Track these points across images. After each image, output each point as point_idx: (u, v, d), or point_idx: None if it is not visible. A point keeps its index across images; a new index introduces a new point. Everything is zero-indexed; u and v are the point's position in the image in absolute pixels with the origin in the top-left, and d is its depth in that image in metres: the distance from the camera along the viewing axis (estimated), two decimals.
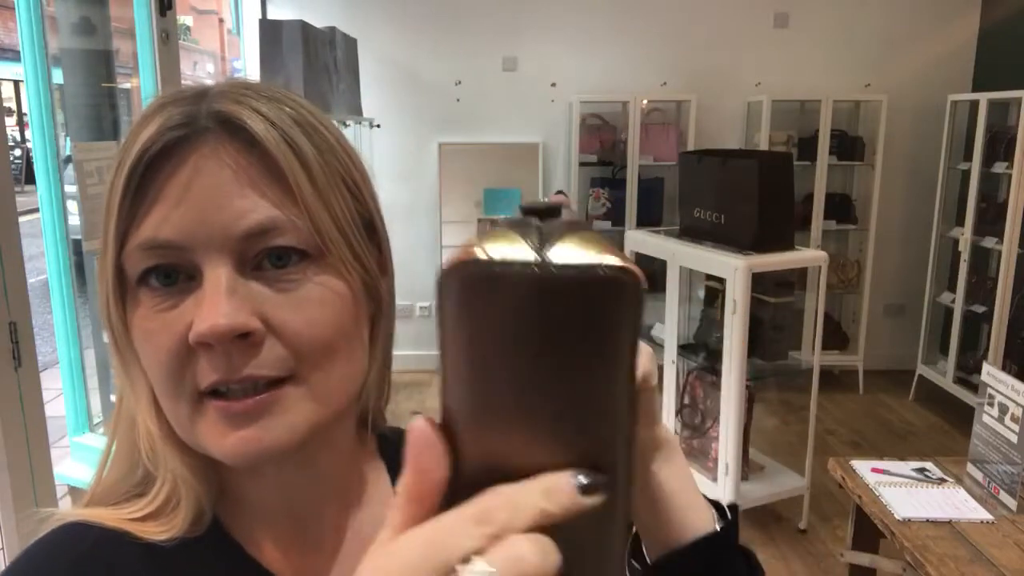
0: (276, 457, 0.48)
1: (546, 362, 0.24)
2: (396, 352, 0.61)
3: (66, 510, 0.53)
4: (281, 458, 0.49)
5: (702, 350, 3.10)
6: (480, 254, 0.25)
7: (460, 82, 4.63)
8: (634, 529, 0.49)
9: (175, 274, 0.47)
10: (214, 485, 0.54)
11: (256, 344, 0.46)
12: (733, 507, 0.51)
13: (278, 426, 0.47)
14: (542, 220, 0.26)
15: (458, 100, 4.65)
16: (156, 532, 0.51)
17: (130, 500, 0.53)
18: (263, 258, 0.48)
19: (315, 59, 3.36)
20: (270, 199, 0.48)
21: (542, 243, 0.25)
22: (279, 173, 0.48)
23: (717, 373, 2.86)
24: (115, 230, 0.47)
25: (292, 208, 0.48)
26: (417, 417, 0.27)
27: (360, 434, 0.60)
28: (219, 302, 0.45)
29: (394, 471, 0.61)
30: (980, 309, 4.06)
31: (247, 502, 0.55)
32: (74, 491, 2.34)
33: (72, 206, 2.20)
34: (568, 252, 0.24)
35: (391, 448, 0.63)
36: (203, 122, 0.48)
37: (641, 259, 3.54)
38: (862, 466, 2.09)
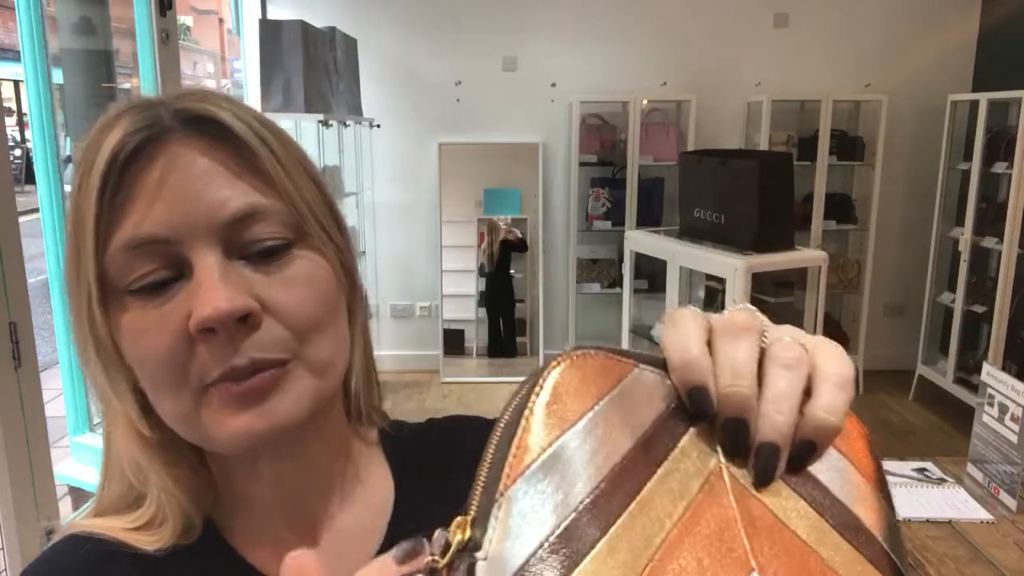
0: (286, 433, 0.49)
1: None
2: (396, 352, 0.62)
3: (73, 521, 0.54)
4: (288, 436, 0.49)
5: None
6: None
7: (460, 82, 4.63)
8: None
9: (166, 279, 0.47)
10: (203, 494, 0.54)
11: (255, 326, 0.47)
12: None
13: (284, 401, 0.48)
14: None
15: (458, 100, 4.65)
16: (148, 542, 0.52)
17: (131, 508, 0.54)
18: (255, 254, 0.49)
19: (315, 59, 3.36)
20: (245, 187, 0.49)
21: None
22: (251, 162, 0.49)
23: None
24: (93, 235, 0.47)
25: (268, 195, 0.49)
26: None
27: (355, 428, 0.60)
28: (216, 287, 0.46)
29: (396, 465, 0.63)
30: (980, 309, 4.06)
31: (241, 501, 0.55)
32: (74, 491, 2.34)
33: None
34: None
35: (391, 443, 0.64)
36: (168, 123, 0.49)
37: (641, 259, 3.54)
38: None
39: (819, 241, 4.46)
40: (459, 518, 0.27)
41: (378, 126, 4.50)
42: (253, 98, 4.08)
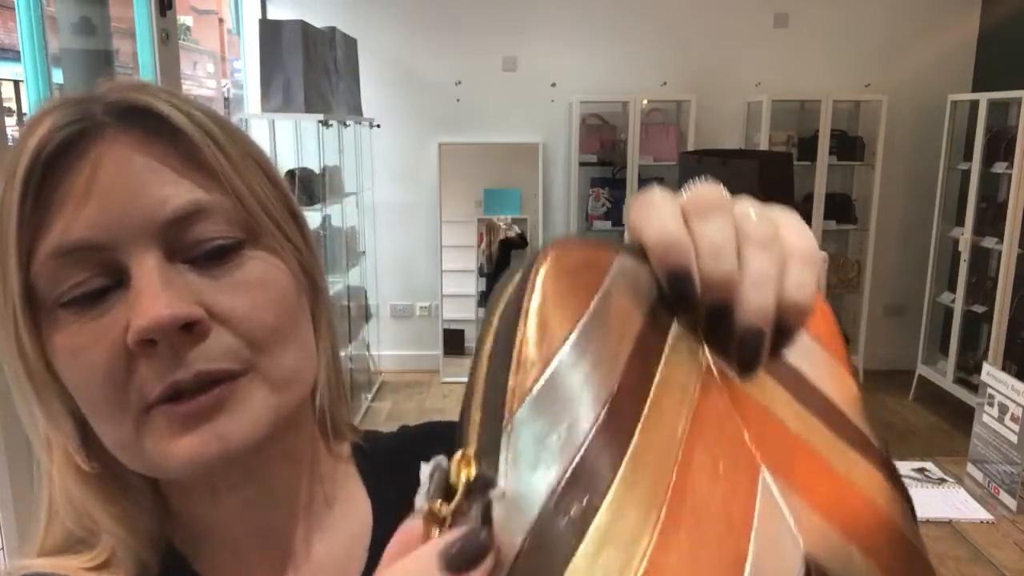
0: (239, 457, 0.43)
1: None
2: (396, 352, 0.61)
3: (32, 561, 0.49)
4: (243, 460, 0.44)
5: None
6: None
7: (460, 82, 4.63)
8: None
9: (101, 289, 0.42)
10: (157, 531, 0.49)
11: (202, 335, 0.42)
12: None
13: (238, 420, 0.43)
14: None
15: (458, 100, 4.65)
16: None
17: (85, 546, 0.49)
18: (199, 256, 0.44)
19: (315, 59, 3.36)
20: (188, 183, 0.44)
21: None
22: (194, 156, 0.44)
23: None
24: (16, 246, 0.42)
25: (215, 190, 0.45)
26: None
27: (325, 445, 0.56)
28: (156, 293, 0.41)
29: (371, 484, 0.58)
30: (980, 309, 4.06)
31: (206, 534, 0.50)
32: None
33: None
34: None
35: (364, 458, 0.59)
36: (100, 117, 0.44)
37: None
38: None
39: (819, 241, 4.44)
40: (459, 453, 0.24)
41: (378, 126, 4.50)
42: (253, 98, 4.08)
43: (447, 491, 0.24)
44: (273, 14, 4.40)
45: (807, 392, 0.28)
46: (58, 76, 2.39)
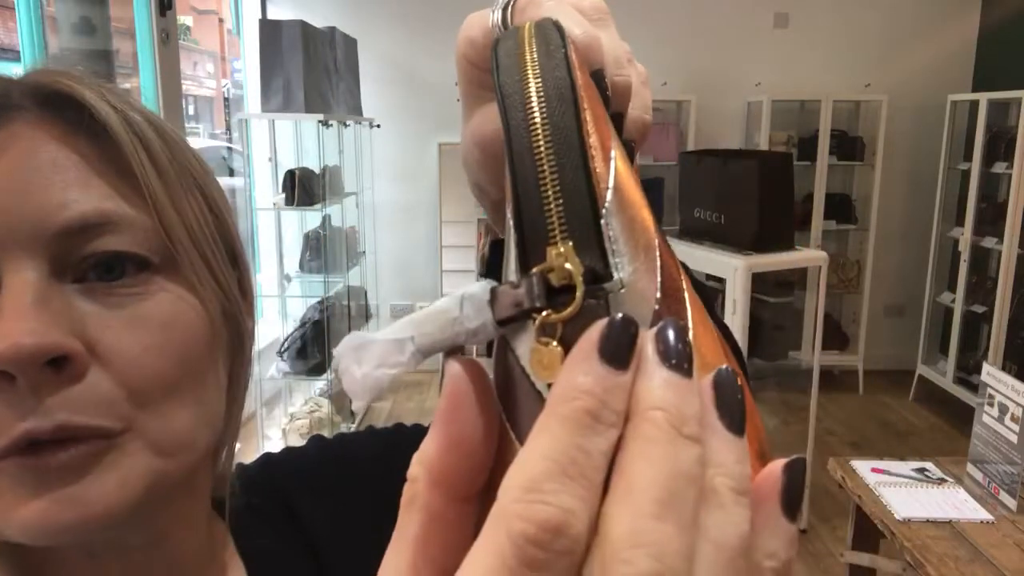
0: (102, 528, 0.35)
1: None
2: None
3: None
4: (113, 530, 0.36)
5: None
6: None
7: None
8: None
9: None
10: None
11: (75, 377, 0.34)
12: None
13: (104, 484, 0.34)
14: None
15: (458, 100, 4.61)
16: None
17: None
18: (87, 269, 0.36)
19: (315, 59, 3.36)
20: (101, 189, 0.37)
21: None
22: (117, 161, 0.38)
23: None
24: None
25: (131, 204, 0.37)
26: (453, 362, 0.20)
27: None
28: (24, 314, 0.33)
29: (249, 552, 0.49)
30: (980, 309, 4.06)
31: None
32: None
33: None
34: None
35: (233, 515, 0.50)
36: (15, 98, 0.38)
37: None
38: (862, 466, 2.08)
39: (819, 241, 4.46)
40: (555, 248, 0.19)
41: (378, 126, 4.49)
42: (253, 98, 4.08)
43: (548, 293, 0.19)
44: (273, 14, 4.40)
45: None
46: None
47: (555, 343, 0.19)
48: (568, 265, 0.19)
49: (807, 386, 3.05)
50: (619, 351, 0.18)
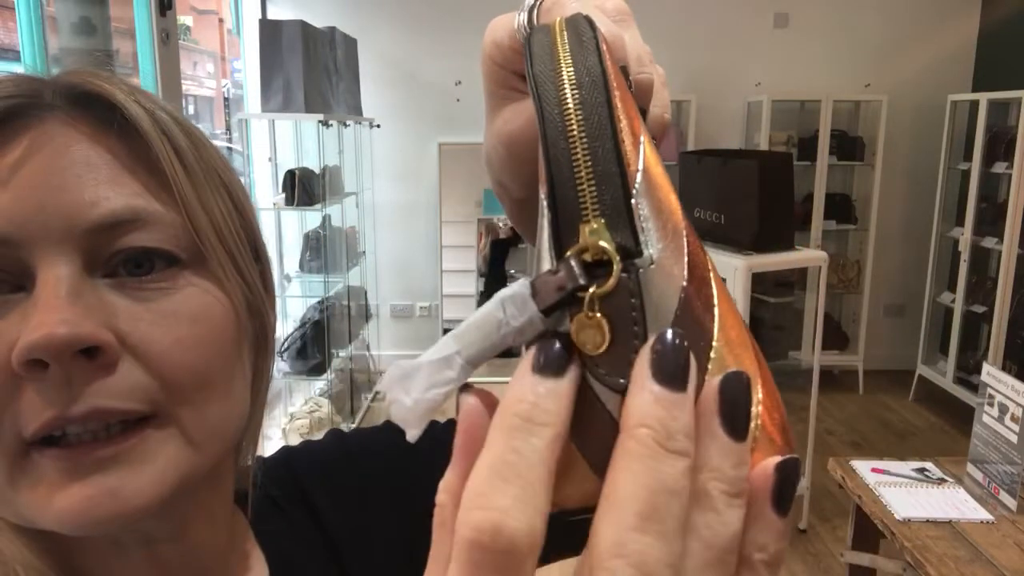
0: (136, 520, 0.36)
1: None
2: (396, 352, 0.60)
3: None
4: (143, 522, 0.37)
5: None
6: None
7: (460, 82, 4.63)
8: None
9: None
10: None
11: (107, 366, 0.35)
12: None
13: (140, 476, 0.35)
14: None
15: (458, 100, 4.65)
16: None
17: None
18: (118, 264, 0.37)
19: (315, 59, 3.36)
20: (132, 187, 0.38)
21: None
22: (146, 159, 0.39)
23: None
24: None
25: (160, 201, 0.38)
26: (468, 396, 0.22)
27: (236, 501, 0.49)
28: (57, 306, 0.34)
29: (268, 544, 0.51)
30: (980, 309, 4.06)
31: None
32: None
33: None
34: None
35: (255, 510, 0.52)
36: (48, 98, 0.38)
37: None
38: (862, 466, 2.08)
39: (819, 241, 4.46)
40: (588, 225, 0.20)
41: (378, 126, 4.49)
42: (253, 98, 4.08)
43: (587, 271, 0.20)
44: (273, 14, 4.40)
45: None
46: None
47: (598, 315, 0.20)
48: (602, 242, 0.20)
49: (807, 386, 3.05)
50: (549, 363, 0.20)
